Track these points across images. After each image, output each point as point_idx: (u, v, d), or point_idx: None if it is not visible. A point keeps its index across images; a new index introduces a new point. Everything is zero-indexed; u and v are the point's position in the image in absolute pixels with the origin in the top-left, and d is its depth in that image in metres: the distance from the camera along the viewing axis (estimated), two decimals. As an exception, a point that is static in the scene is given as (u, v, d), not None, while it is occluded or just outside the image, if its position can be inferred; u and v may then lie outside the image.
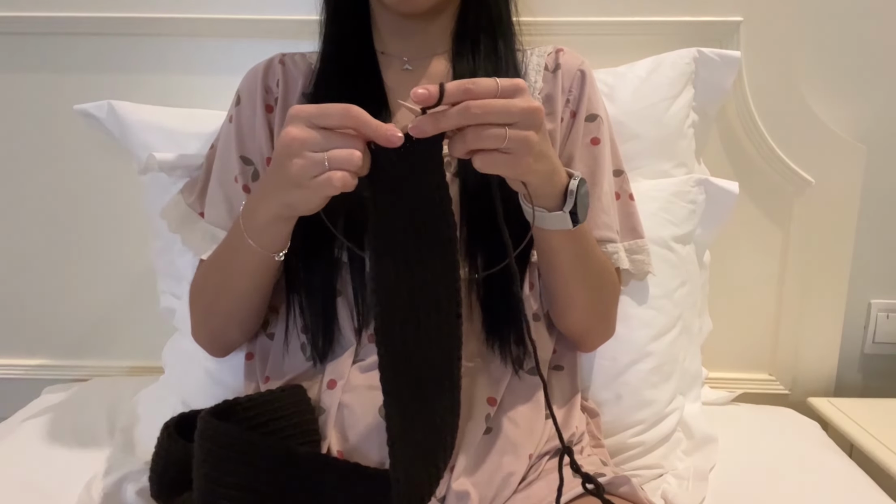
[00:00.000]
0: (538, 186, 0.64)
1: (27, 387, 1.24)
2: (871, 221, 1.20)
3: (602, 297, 0.83)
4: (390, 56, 0.86)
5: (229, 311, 0.81)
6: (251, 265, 0.74)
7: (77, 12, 1.14)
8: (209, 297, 0.82)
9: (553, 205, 0.67)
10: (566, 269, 0.77)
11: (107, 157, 1.20)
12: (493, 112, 0.55)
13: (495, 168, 0.58)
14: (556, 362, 0.86)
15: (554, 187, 0.66)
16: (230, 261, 0.76)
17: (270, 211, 0.65)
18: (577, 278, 0.78)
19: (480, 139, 0.56)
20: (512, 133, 0.56)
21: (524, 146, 0.57)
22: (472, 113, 0.54)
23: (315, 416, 0.74)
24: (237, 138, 0.86)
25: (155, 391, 1.04)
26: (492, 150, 0.57)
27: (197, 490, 0.66)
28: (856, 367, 1.27)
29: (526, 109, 0.57)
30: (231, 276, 0.77)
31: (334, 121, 0.56)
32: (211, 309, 0.82)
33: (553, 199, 0.66)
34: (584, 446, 0.82)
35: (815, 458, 0.99)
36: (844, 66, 1.16)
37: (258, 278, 0.76)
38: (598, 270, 0.80)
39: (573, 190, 0.66)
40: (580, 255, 0.76)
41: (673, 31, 1.13)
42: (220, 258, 0.79)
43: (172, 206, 0.92)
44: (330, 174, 0.55)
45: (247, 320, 0.83)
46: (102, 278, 1.26)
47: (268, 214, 0.66)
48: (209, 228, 0.86)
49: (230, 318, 0.82)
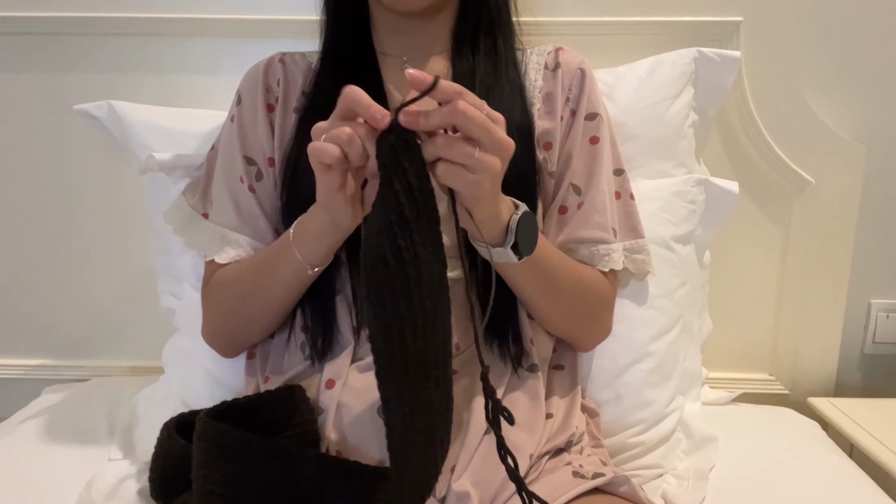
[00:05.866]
0: (481, 221, 0.64)
1: (27, 387, 1.24)
2: (871, 221, 1.20)
3: (580, 309, 0.83)
4: (390, 56, 0.86)
5: (255, 316, 0.81)
6: (288, 275, 0.75)
7: (77, 12, 1.14)
8: (233, 302, 0.82)
9: (497, 241, 0.67)
10: (533, 295, 0.78)
11: (107, 157, 1.20)
12: (475, 123, 0.56)
13: (454, 181, 0.59)
14: (556, 361, 0.86)
15: (497, 224, 0.66)
16: (269, 269, 0.77)
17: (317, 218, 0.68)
18: (546, 301, 0.79)
19: (451, 149, 0.57)
20: (480, 155, 0.57)
21: (488, 172, 0.58)
22: (458, 111, 0.55)
23: (314, 416, 0.74)
24: (240, 138, 0.86)
25: (155, 391, 1.04)
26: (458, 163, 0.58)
27: (196, 490, 0.66)
28: (856, 367, 1.27)
29: (503, 140, 0.58)
30: (265, 285, 0.78)
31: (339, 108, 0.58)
32: (234, 312, 0.83)
33: (497, 234, 0.67)
34: (583, 446, 0.82)
35: (815, 458, 0.98)
36: (844, 66, 1.16)
37: (291, 289, 0.78)
38: (569, 288, 0.80)
39: (512, 227, 0.66)
40: (544, 280, 0.77)
41: (673, 31, 1.13)
42: (257, 266, 0.80)
43: (175, 209, 0.92)
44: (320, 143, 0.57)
45: (268, 327, 0.83)
46: (102, 278, 1.26)
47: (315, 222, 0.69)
48: (216, 229, 0.86)
49: (251, 323, 0.82)
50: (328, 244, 0.70)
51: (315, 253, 0.71)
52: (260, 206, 0.85)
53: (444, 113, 0.55)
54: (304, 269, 0.73)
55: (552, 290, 0.78)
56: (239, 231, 0.84)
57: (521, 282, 0.76)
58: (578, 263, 0.82)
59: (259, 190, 0.85)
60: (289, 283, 0.76)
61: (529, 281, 0.76)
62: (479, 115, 0.56)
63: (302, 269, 0.72)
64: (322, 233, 0.69)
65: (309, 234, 0.70)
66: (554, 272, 0.77)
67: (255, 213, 0.85)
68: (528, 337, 0.81)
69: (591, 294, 0.83)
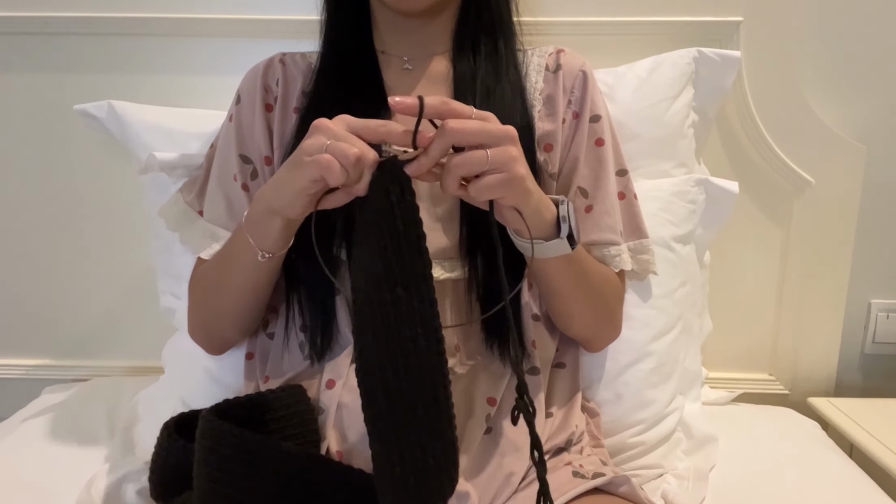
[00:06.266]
0: (531, 216, 0.64)
1: (27, 387, 1.24)
2: (871, 221, 1.20)
3: (605, 306, 0.84)
4: (390, 56, 0.86)
5: (223, 308, 0.81)
6: (244, 262, 0.74)
7: (77, 12, 1.14)
8: (205, 293, 0.82)
9: (547, 234, 0.67)
10: (567, 291, 0.78)
11: (107, 157, 1.20)
12: (470, 131, 0.56)
13: (490, 191, 0.59)
14: (558, 360, 0.86)
15: (545, 215, 0.66)
16: (227, 257, 0.77)
17: (264, 200, 0.66)
18: (578, 297, 0.79)
19: (463, 163, 0.57)
20: (493, 151, 0.57)
21: (509, 160, 0.58)
22: (451, 131, 0.55)
23: (314, 416, 0.74)
24: (237, 137, 0.86)
25: (155, 391, 1.04)
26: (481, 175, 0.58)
27: (197, 490, 0.66)
28: (856, 367, 1.27)
29: (502, 130, 0.58)
30: (225, 274, 0.77)
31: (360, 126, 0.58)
32: (206, 305, 0.83)
33: (546, 227, 0.67)
34: (583, 446, 0.82)
35: (815, 458, 0.99)
36: (844, 66, 1.16)
37: (249, 277, 0.76)
38: (598, 284, 0.80)
39: (565, 215, 0.67)
40: (579, 275, 0.76)
41: (673, 31, 1.13)
42: (219, 254, 0.80)
43: (170, 205, 0.92)
44: (321, 155, 0.56)
45: (241, 319, 0.83)
46: (102, 278, 1.26)
47: (261, 205, 0.67)
48: (208, 227, 0.86)
49: (224, 316, 0.82)
50: (276, 227, 0.68)
51: (264, 235, 0.69)
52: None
53: (439, 141, 0.56)
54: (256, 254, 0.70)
55: (585, 286, 0.78)
56: (229, 228, 0.84)
57: (559, 278, 0.76)
58: (598, 262, 0.83)
59: (253, 188, 0.85)
60: (247, 271, 0.75)
61: (567, 276, 0.75)
62: (470, 122, 0.57)
63: (255, 253, 0.70)
64: (269, 213, 0.67)
65: (258, 215, 0.68)
66: (587, 267, 0.78)
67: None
68: (529, 339, 0.81)
69: (611, 291, 0.84)
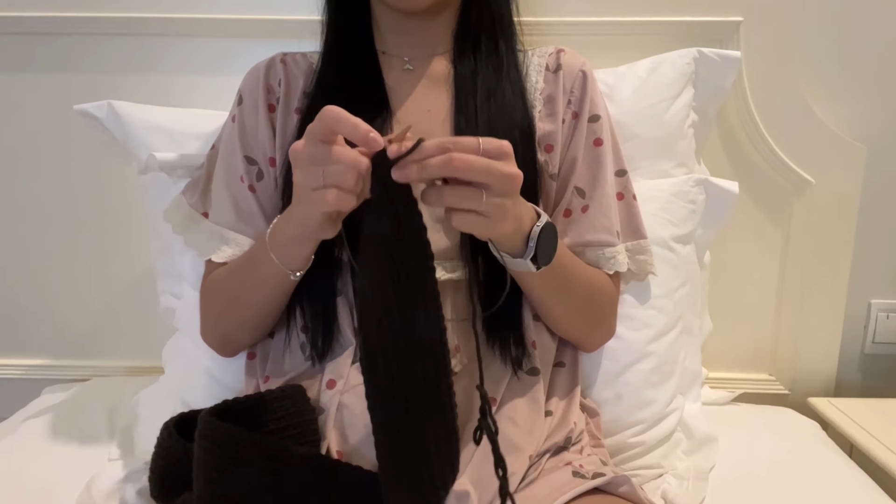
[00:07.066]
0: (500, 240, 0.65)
1: (27, 387, 1.24)
2: (871, 221, 1.20)
3: (593, 310, 0.84)
4: (391, 56, 0.86)
5: (241, 319, 0.82)
6: (269, 279, 0.75)
7: (77, 12, 1.14)
8: (222, 303, 0.83)
9: (517, 250, 0.67)
10: (547, 298, 0.78)
11: (107, 157, 1.20)
12: (474, 169, 0.55)
13: (470, 228, 0.59)
14: (557, 359, 0.86)
15: (518, 236, 0.66)
16: (250, 272, 0.78)
17: (290, 229, 0.67)
18: (560, 303, 0.80)
19: (458, 199, 0.57)
20: (489, 200, 0.57)
21: (500, 212, 0.58)
22: (454, 166, 0.55)
23: (315, 416, 0.74)
24: (240, 138, 0.86)
25: (155, 391, 1.03)
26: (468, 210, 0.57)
27: (197, 490, 0.66)
28: (856, 367, 1.27)
29: (507, 175, 0.57)
30: (248, 288, 0.78)
31: (318, 129, 0.56)
32: (223, 314, 0.83)
33: (517, 246, 0.67)
34: (583, 446, 0.82)
35: (815, 458, 0.99)
36: (844, 66, 1.16)
37: (274, 293, 0.78)
38: (584, 290, 0.81)
39: (534, 236, 0.66)
40: (560, 283, 0.77)
41: (673, 31, 1.13)
42: (240, 268, 0.80)
43: (175, 208, 0.92)
44: (323, 191, 0.56)
45: (257, 328, 0.84)
46: (102, 278, 1.26)
47: (289, 232, 0.68)
48: (215, 228, 0.86)
49: (245, 327, 0.83)
50: (308, 251, 0.70)
51: (294, 259, 0.71)
52: (260, 206, 0.85)
53: (440, 165, 0.55)
54: (284, 274, 0.72)
55: (566, 295, 0.79)
56: (238, 230, 0.84)
57: (535, 287, 0.77)
58: (588, 266, 0.83)
59: (259, 190, 0.85)
60: (271, 286, 0.76)
61: (544, 286, 0.76)
62: (477, 160, 0.55)
63: (282, 273, 0.72)
64: (299, 240, 0.68)
65: (285, 241, 0.70)
66: (568, 277, 0.78)
67: (254, 212, 0.85)
68: (530, 340, 0.81)
69: (600, 297, 0.84)
